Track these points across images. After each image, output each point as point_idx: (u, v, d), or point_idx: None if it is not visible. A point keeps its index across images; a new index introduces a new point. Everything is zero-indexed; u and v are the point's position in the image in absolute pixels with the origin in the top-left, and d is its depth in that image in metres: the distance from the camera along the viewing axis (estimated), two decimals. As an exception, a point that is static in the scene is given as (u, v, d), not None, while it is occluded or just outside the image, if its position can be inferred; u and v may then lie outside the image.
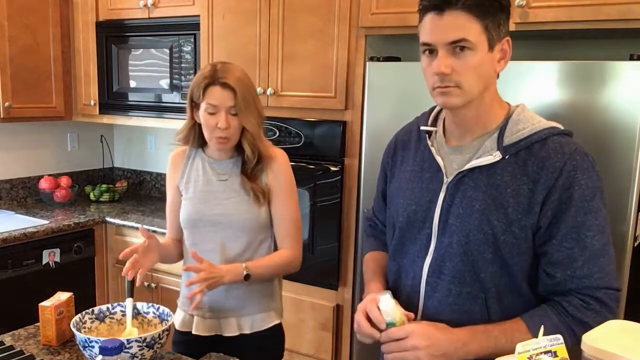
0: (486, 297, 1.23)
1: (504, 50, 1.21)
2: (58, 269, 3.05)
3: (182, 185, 1.80)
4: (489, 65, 1.19)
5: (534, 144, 1.20)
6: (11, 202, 3.50)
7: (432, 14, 1.16)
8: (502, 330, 1.18)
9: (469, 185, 1.23)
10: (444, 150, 1.31)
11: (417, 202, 1.31)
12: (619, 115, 1.82)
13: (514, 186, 1.18)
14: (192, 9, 2.97)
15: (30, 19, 3.20)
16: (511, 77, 1.99)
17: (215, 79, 1.62)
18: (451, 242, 1.24)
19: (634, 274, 1.89)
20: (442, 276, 1.26)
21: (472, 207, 1.21)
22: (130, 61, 3.26)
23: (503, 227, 1.19)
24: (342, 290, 2.62)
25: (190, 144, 1.78)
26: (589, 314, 1.17)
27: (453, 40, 1.14)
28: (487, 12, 1.14)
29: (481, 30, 1.15)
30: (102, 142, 3.99)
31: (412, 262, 1.32)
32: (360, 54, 2.43)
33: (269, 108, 2.71)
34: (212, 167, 1.77)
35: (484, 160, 1.21)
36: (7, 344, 1.60)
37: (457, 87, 1.17)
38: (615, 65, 1.82)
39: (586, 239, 1.16)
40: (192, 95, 1.68)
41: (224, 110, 1.64)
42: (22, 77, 3.19)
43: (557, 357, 0.99)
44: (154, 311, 1.64)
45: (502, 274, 1.21)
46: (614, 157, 1.83)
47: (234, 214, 1.71)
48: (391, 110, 2.26)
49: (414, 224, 1.31)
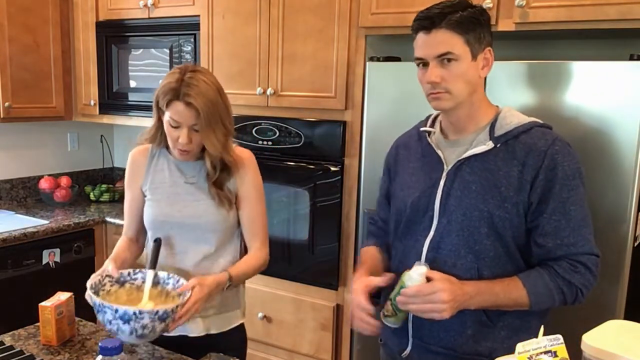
0: (479, 267, 1.40)
1: (486, 58, 1.41)
2: (58, 269, 3.05)
3: (146, 186, 1.76)
4: (474, 72, 1.39)
5: (521, 133, 1.40)
6: (11, 202, 3.50)
7: (422, 33, 1.39)
8: (502, 287, 1.37)
9: (466, 172, 1.42)
10: (442, 145, 1.51)
11: (420, 189, 1.49)
12: (619, 115, 1.82)
13: (506, 169, 1.38)
14: (192, 9, 2.97)
15: (30, 19, 3.20)
16: (511, 77, 1.99)
17: (180, 94, 1.55)
18: (450, 220, 1.43)
19: (634, 274, 1.89)
20: (439, 250, 1.44)
21: (470, 189, 1.41)
22: (130, 61, 3.26)
23: (497, 204, 1.38)
24: (342, 290, 2.62)
25: (157, 144, 1.74)
26: (576, 276, 1.36)
27: (440, 54, 1.36)
28: (468, 28, 1.36)
29: (464, 43, 1.36)
30: (102, 142, 3.99)
31: (416, 240, 1.49)
32: (360, 54, 2.43)
33: (269, 108, 2.71)
34: (179, 168, 1.74)
35: (479, 149, 1.41)
36: (7, 344, 1.60)
37: (447, 92, 1.39)
38: (615, 65, 1.82)
39: (571, 212, 1.36)
40: (157, 99, 1.63)
41: (186, 127, 1.59)
42: (22, 77, 3.19)
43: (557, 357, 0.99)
44: (174, 283, 1.62)
45: (497, 245, 1.40)
46: (614, 157, 1.83)
47: (202, 216, 1.69)
48: (391, 110, 2.26)
49: (419, 209, 1.49)
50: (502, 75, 1.99)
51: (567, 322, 1.46)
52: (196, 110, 1.56)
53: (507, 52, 2.37)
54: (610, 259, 1.83)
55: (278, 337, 2.80)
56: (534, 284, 1.36)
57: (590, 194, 1.34)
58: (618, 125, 1.82)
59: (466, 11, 1.36)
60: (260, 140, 2.73)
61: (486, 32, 1.40)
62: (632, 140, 1.80)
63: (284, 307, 2.76)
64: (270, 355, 2.84)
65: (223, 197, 1.69)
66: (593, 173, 1.83)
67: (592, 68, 1.85)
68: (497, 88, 1.98)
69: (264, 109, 2.73)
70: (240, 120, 2.75)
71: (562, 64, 1.91)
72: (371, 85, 2.31)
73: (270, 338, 2.82)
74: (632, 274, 1.88)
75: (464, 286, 1.35)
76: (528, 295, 1.35)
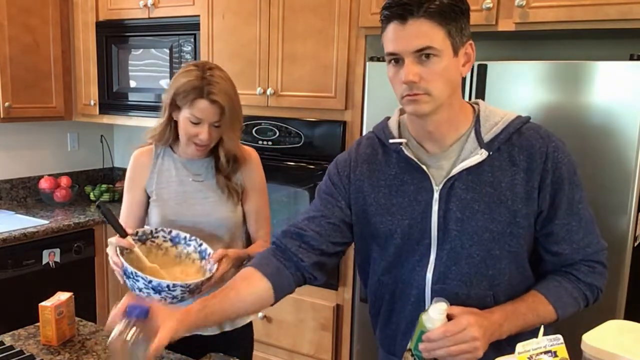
0: (494, 293, 1.26)
1: (467, 54, 1.22)
2: (58, 269, 3.05)
3: (151, 187, 1.75)
4: (455, 70, 1.20)
5: (512, 135, 1.24)
6: (11, 202, 3.50)
7: (395, 23, 1.17)
8: (527, 307, 1.22)
9: (460, 189, 1.24)
10: (425, 159, 1.28)
11: (409, 216, 1.28)
12: (619, 115, 1.82)
13: (507, 179, 1.22)
14: (192, 9, 2.97)
15: (30, 19, 3.20)
16: (511, 77, 1.98)
17: (204, 92, 1.58)
18: (454, 247, 1.25)
19: (634, 274, 1.89)
20: (447, 281, 1.26)
21: (472, 209, 1.23)
22: (130, 61, 3.26)
23: (508, 221, 1.22)
24: (342, 290, 2.62)
25: (163, 142, 1.74)
26: (596, 277, 1.27)
27: (418, 49, 1.15)
28: (449, 18, 1.15)
29: (445, 36, 1.16)
30: (102, 142, 3.98)
31: (412, 271, 1.31)
32: (360, 54, 2.43)
33: (269, 108, 2.71)
34: (186, 166, 1.74)
35: (472, 161, 1.22)
36: (7, 344, 1.60)
37: (427, 94, 1.18)
38: (615, 65, 1.82)
39: (580, 212, 1.25)
40: (175, 97, 1.62)
41: (207, 123, 1.61)
42: (22, 77, 3.19)
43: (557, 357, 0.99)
44: (195, 246, 1.62)
45: (511, 267, 1.26)
46: (614, 157, 1.83)
47: (212, 213, 1.71)
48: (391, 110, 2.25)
49: (411, 237, 1.29)
50: (502, 76, 1.99)
51: (567, 322, 1.46)
52: (220, 108, 1.59)
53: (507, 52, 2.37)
54: (611, 259, 1.81)
55: (278, 337, 2.80)
56: (558, 296, 1.24)
57: (590, 194, 1.33)
58: (618, 125, 1.82)
59: None
60: (260, 140, 2.73)
61: (467, 23, 1.20)
62: (632, 140, 1.80)
63: (283, 307, 2.76)
64: (270, 355, 2.84)
65: (232, 190, 1.72)
66: (593, 173, 1.83)
67: (592, 68, 1.85)
68: (497, 88, 1.98)
69: (264, 109, 2.73)
70: (240, 120, 2.75)
71: (562, 64, 1.91)
72: (371, 85, 2.31)
73: (270, 338, 2.82)
74: (632, 274, 1.88)
75: (491, 315, 1.18)
76: (555, 309, 1.23)
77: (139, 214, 1.78)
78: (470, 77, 2.03)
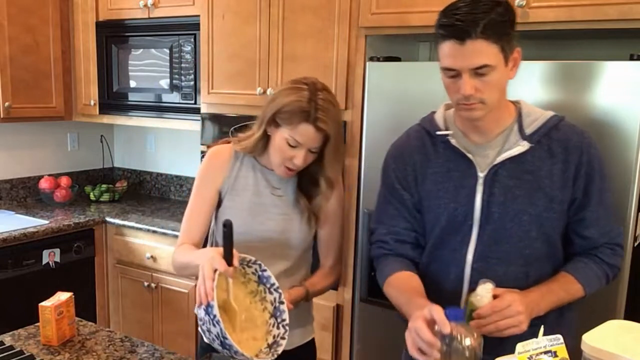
0: (527, 271, 1.39)
1: (515, 58, 1.34)
2: (58, 269, 3.05)
3: (225, 189, 1.62)
4: (505, 77, 1.34)
5: (550, 130, 1.38)
6: (11, 202, 3.50)
7: (452, 41, 1.26)
8: (559, 286, 1.37)
9: (504, 176, 1.38)
10: (471, 149, 1.42)
11: (455, 200, 1.42)
12: (619, 115, 1.81)
13: (546, 168, 1.37)
14: (192, 9, 2.97)
15: (30, 19, 3.20)
16: (511, 77, 1.98)
17: (311, 117, 1.46)
18: (496, 228, 1.38)
19: (634, 274, 1.89)
20: (488, 259, 1.40)
21: (514, 194, 1.37)
22: (130, 61, 3.26)
23: (545, 206, 1.36)
24: (342, 290, 2.62)
25: (249, 152, 1.62)
26: (617, 258, 1.44)
27: (477, 67, 1.26)
28: (503, 34, 1.27)
29: (498, 50, 1.27)
30: (102, 142, 3.98)
31: (452, 251, 1.43)
32: (360, 54, 2.43)
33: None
34: (266, 177, 1.62)
35: (516, 151, 1.37)
36: (7, 344, 1.60)
37: (481, 102, 1.32)
38: (615, 65, 1.82)
39: (606, 200, 1.41)
40: (277, 114, 1.50)
41: (305, 148, 1.50)
42: (22, 77, 3.19)
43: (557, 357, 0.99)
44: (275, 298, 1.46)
45: (545, 246, 1.40)
46: (614, 157, 1.83)
47: (286, 232, 1.60)
48: (391, 110, 2.26)
49: (455, 220, 1.42)
50: (502, 75, 1.99)
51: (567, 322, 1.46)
52: (325, 136, 1.49)
53: (507, 52, 2.37)
54: (610, 259, 1.83)
55: (278, 337, 2.80)
56: (586, 276, 1.39)
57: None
58: (618, 125, 1.82)
59: (496, 12, 1.25)
60: (260, 140, 2.73)
61: (514, 31, 1.32)
62: (632, 140, 1.80)
63: (284, 307, 2.76)
64: (270, 355, 2.83)
65: (311, 213, 1.62)
66: (593, 173, 1.83)
67: (592, 68, 1.85)
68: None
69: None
70: (240, 120, 2.75)
71: (562, 64, 1.91)
72: (371, 85, 2.31)
73: (270, 338, 2.81)
74: (632, 274, 1.88)
75: (530, 294, 1.31)
76: (583, 287, 1.38)
77: (209, 216, 1.64)
78: (470, 77, 2.03)
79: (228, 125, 2.80)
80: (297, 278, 1.66)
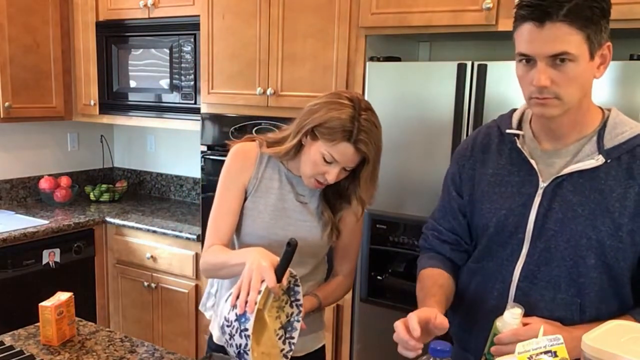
0: (582, 303, 1.21)
1: (603, 55, 1.17)
2: (58, 269, 3.05)
3: (250, 190, 1.57)
4: (589, 74, 1.16)
5: (636, 147, 1.19)
6: (11, 202, 3.50)
7: (531, 24, 1.12)
8: None
9: (568, 190, 1.21)
10: (537, 154, 1.27)
11: (507, 206, 1.28)
12: (619, 115, 1.81)
13: (620, 190, 1.17)
14: (192, 9, 2.97)
15: (30, 19, 3.20)
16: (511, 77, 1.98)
17: (353, 137, 1.39)
18: (548, 247, 1.23)
19: (634, 274, 1.88)
20: (535, 281, 1.24)
21: (575, 212, 1.20)
22: (130, 61, 3.26)
23: (610, 232, 1.18)
24: (342, 290, 2.61)
25: (279, 158, 1.57)
26: None
27: (554, 54, 1.11)
28: (589, 22, 1.10)
29: (583, 40, 1.11)
30: (102, 142, 3.99)
31: (500, 265, 1.30)
32: (360, 54, 2.43)
33: (269, 108, 2.71)
34: (291, 182, 1.58)
35: (586, 164, 1.19)
36: (7, 344, 1.60)
37: (556, 98, 1.15)
38: (615, 65, 1.82)
39: None
40: (316, 127, 1.43)
41: (341, 166, 1.44)
42: (22, 77, 3.19)
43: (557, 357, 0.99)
44: (297, 320, 1.41)
45: (604, 279, 1.21)
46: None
47: (306, 239, 1.53)
48: (391, 110, 2.25)
49: (505, 229, 1.28)
50: (502, 76, 1.99)
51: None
52: (363, 157, 1.44)
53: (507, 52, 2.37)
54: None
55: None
56: None
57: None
58: (618, 125, 1.81)
59: None
60: (260, 140, 2.73)
61: (607, 24, 1.14)
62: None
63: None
64: (270, 355, 2.83)
65: (334, 226, 1.58)
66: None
67: (592, 68, 1.85)
68: (497, 88, 1.98)
69: (264, 109, 2.73)
70: (240, 121, 2.75)
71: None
72: (371, 85, 2.31)
73: (270, 338, 2.81)
74: (632, 274, 1.87)
75: (574, 330, 1.13)
76: None
77: (237, 215, 1.57)
78: (470, 77, 2.03)
79: (228, 125, 2.80)
80: (312, 285, 1.64)
